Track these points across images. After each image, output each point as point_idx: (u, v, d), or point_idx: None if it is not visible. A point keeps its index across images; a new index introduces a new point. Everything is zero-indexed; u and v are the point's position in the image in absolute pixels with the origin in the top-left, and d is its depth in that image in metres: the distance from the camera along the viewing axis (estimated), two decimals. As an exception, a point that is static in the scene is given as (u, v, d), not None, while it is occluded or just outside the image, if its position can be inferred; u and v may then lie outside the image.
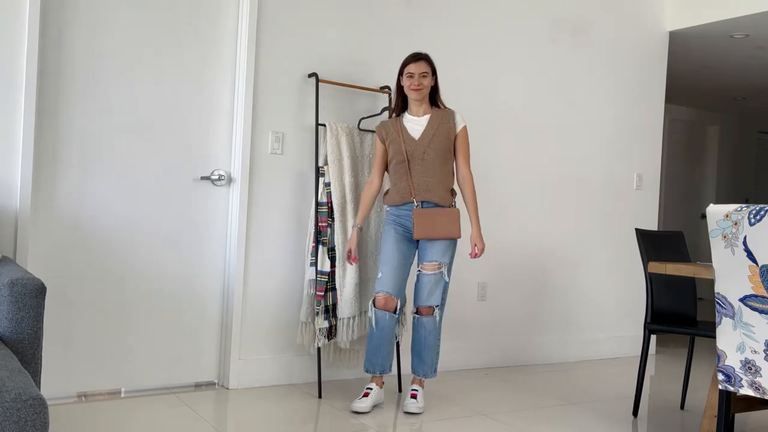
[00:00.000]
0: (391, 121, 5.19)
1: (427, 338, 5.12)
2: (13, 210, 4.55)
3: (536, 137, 6.81)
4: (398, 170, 5.09)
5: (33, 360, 3.37)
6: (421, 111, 5.15)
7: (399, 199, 5.08)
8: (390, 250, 5.05)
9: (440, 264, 5.07)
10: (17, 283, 3.33)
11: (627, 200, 7.49)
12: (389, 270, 5.02)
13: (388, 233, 5.10)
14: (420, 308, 5.10)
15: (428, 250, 5.07)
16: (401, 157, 5.05)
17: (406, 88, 5.10)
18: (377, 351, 5.06)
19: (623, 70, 7.42)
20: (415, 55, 5.09)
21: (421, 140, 5.05)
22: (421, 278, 5.07)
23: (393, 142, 5.11)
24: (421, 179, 5.03)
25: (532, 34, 6.76)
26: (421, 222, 4.99)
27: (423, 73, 5.06)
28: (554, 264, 6.95)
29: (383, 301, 5.00)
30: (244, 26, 5.34)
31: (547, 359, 6.91)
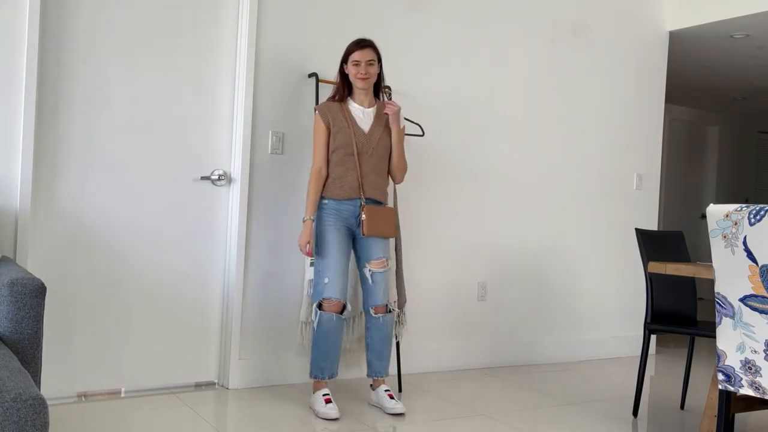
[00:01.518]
0: (336, 107, 5.00)
1: (388, 336, 5.08)
2: (13, 210, 4.55)
3: (536, 137, 6.81)
4: (345, 163, 4.93)
5: (33, 360, 3.37)
6: (367, 101, 5.05)
7: (343, 194, 4.93)
8: (334, 256, 4.89)
9: (387, 260, 5.04)
10: (17, 283, 3.32)
11: (627, 200, 7.49)
12: (335, 275, 4.88)
13: (331, 233, 4.93)
14: (377, 307, 5.03)
15: (374, 247, 5.00)
16: (350, 150, 4.92)
17: (351, 76, 4.97)
18: (326, 356, 4.94)
19: (623, 70, 7.42)
20: (360, 41, 4.97)
21: (370, 135, 4.97)
22: (374, 277, 5.01)
23: (341, 132, 4.94)
24: (370, 175, 4.95)
25: (531, 34, 6.76)
26: (371, 219, 4.89)
27: (369, 61, 4.94)
28: (554, 264, 6.96)
29: (332, 306, 4.90)
30: (244, 26, 5.34)
31: (547, 359, 6.91)
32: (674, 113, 12.12)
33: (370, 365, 5.11)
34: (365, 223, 4.88)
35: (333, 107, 5.00)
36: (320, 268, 4.94)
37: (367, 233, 4.90)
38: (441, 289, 6.30)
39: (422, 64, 6.14)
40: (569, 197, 7.05)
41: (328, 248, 4.91)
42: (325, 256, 4.91)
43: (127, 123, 4.98)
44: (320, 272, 4.93)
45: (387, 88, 5.77)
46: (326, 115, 4.97)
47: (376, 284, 5.01)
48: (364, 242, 5.01)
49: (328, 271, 4.89)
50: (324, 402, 4.84)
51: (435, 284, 6.26)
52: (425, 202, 6.17)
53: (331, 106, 5.01)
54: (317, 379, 4.97)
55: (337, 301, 4.89)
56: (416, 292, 6.15)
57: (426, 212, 6.18)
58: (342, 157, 4.93)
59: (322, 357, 4.94)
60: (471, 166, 6.41)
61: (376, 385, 5.12)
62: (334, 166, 4.95)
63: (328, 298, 4.88)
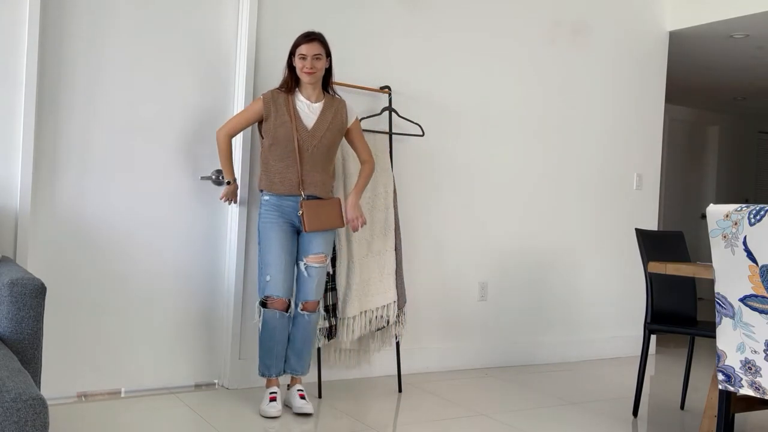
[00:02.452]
0: (282, 99, 4.91)
1: (311, 334, 5.02)
2: (13, 209, 4.55)
3: (536, 137, 6.81)
4: (285, 158, 4.84)
5: (33, 360, 3.37)
6: (314, 96, 4.94)
7: (283, 190, 4.84)
8: (276, 253, 4.83)
9: (326, 256, 4.99)
10: (17, 283, 3.32)
11: (627, 200, 7.49)
12: (278, 273, 4.82)
13: (271, 229, 4.86)
14: (307, 303, 4.96)
15: (313, 242, 4.92)
16: (291, 146, 4.82)
17: (298, 70, 4.86)
18: (270, 353, 4.90)
19: (623, 70, 7.42)
20: (307, 34, 4.86)
21: (314, 132, 4.87)
22: (309, 272, 4.93)
23: (282, 126, 4.83)
24: (311, 172, 4.86)
25: (531, 35, 6.76)
26: (310, 214, 4.81)
27: (316, 55, 4.83)
28: (555, 264, 6.96)
29: (275, 304, 4.84)
30: (244, 26, 5.34)
31: (547, 359, 6.91)
32: (674, 113, 12.12)
33: (288, 362, 5.03)
34: (305, 219, 4.80)
35: (279, 99, 4.91)
36: (262, 266, 4.88)
37: (309, 229, 4.82)
38: (441, 289, 6.30)
39: (422, 64, 6.14)
40: (569, 197, 7.05)
41: (269, 245, 4.85)
42: (266, 253, 4.86)
43: (127, 123, 4.98)
44: (262, 269, 4.88)
45: (387, 88, 5.78)
46: (269, 103, 4.89)
47: (309, 278, 4.94)
48: (305, 237, 4.94)
49: (270, 269, 4.83)
50: (268, 400, 4.84)
51: (435, 284, 6.26)
52: (425, 202, 6.17)
53: (277, 96, 4.92)
54: (263, 376, 4.96)
55: (280, 299, 4.84)
56: (416, 292, 6.15)
57: (426, 212, 6.18)
58: (283, 153, 4.84)
59: (268, 355, 4.91)
60: (471, 165, 6.41)
61: (292, 383, 5.06)
62: (275, 160, 4.86)
63: (270, 296, 4.84)
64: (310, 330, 5.00)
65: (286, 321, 4.90)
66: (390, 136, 5.79)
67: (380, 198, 5.58)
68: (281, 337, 4.90)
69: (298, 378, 5.07)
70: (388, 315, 5.52)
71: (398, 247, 5.59)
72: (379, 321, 5.52)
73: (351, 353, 5.76)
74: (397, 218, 5.61)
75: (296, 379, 5.06)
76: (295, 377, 5.06)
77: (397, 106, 5.99)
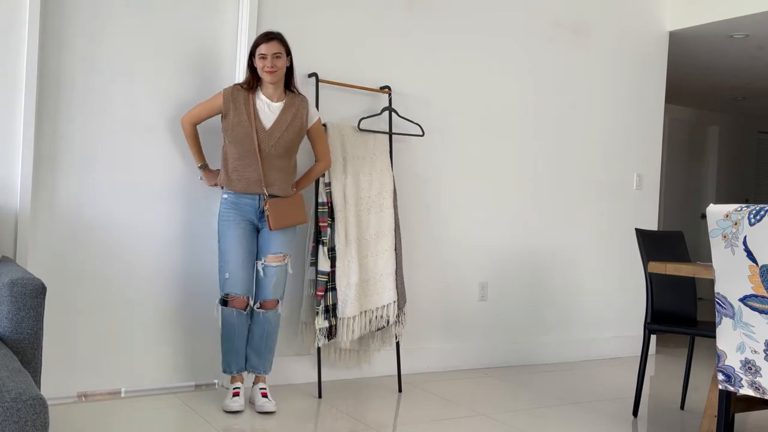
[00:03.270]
0: (243, 96, 4.91)
1: (271, 334, 5.02)
2: (13, 209, 4.55)
3: (535, 137, 6.81)
4: (245, 157, 4.84)
5: (33, 360, 3.37)
6: (276, 95, 4.94)
7: (241, 188, 4.85)
8: (234, 250, 4.84)
9: (285, 255, 4.99)
10: (17, 283, 3.32)
11: (627, 200, 7.49)
12: (236, 269, 4.84)
13: (229, 227, 4.87)
14: (265, 302, 4.96)
15: (273, 241, 4.93)
16: (251, 145, 4.82)
17: (259, 69, 4.87)
18: (231, 350, 4.92)
19: (623, 70, 7.42)
20: (267, 34, 4.86)
21: (272, 132, 4.87)
22: (267, 271, 4.94)
23: (240, 124, 4.83)
24: (271, 171, 4.88)
25: (530, 34, 6.76)
26: (275, 212, 4.84)
27: (276, 54, 4.83)
28: (555, 264, 6.96)
29: (234, 302, 4.87)
30: (243, 26, 5.33)
31: (547, 359, 6.91)
32: (674, 113, 12.12)
33: (248, 360, 5.03)
34: (270, 217, 4.83)
35: (239, 97, 4.90)
36: (221, 264, 4.91)
37: (275, 227, 4.86)
38: (441, 289, 6.30)
39: (421, 63, 6.14)
40: (569, 197, 7.05)
41: (228, 243, 4.87)
42: (225, 251, 4.88)
43: (127, 123, 4.98)
44: (221, 267, 4.90)
45: (387, 88, 5.78)
46: (228, 101, 4.89)
47: (266, 278, 4.94)
48: (265, 236, 4.95)
49: (229, 266, 4.85)
50: (231, 395, 4.86)
51: (435, 284, 6.26)
52: (425, 202, 6.18)
53: (238, 94, 4.91)
54: (226, 373, 4.98)
55: (239, 297, 4.86)
56: (416, 292, 6.15)
57: (426, 212, 6.18)
58: (242, 151, 4.84)
59: (228, 352, 4.94)
60: (470, 165, 6.41)
61: (255, 381, 5.06)
62: (235, 159, 4.87)
63: (230, 294, 4.86)
64: (269, 328, 5.01)
65: (245, 319, 4.93)
66: (390, 136, 5.79)
67: (380, 198, 5.58)
68: (240, 334, 4.92)
69: (261, 376, 5.07)
70: (388, 315, 5.52)
71: (398, 247, 5.59)
72: (379, 321, 5.52)
73: (351, 353, 5.76)
74: (397, 218, 5.61)
75: (259, 377, 5.07)
76: (258, 375, 5.07)
77: (397, 105, 5.99)
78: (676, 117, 12.15)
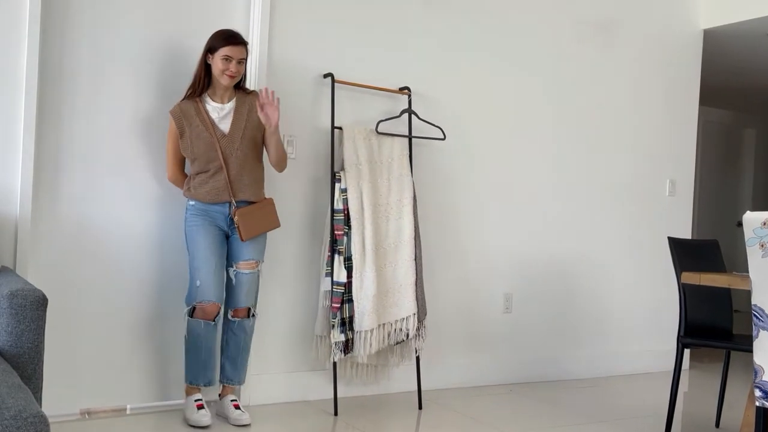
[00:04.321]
0: (192, 110, 4.85)
1: (246, 342, 5.04)
2: (12, 217, 4.54)
3: (562, 141, 6.78)
4: (209, 168, 4.82)
5: (34, 375, 3.38)
6: (226, 97, 4.91)
7: (210, 198, 4.82)
8: (204, 256, 4.81)
9: (258, 262, 4.99)
10: (17, 294, 3.33)
11: (659, 207, 7.45)
12: (208, 277, 4.80)
13: (198, 233, 4.84)
14: (238, 310, 4.97)
15: (245, 248, 4.92)
16: (214, 154, 4.78)
17: (218, 71, 4.79)
18: (198, 361, 4.89)
19: (654, 71, 7.38)
20: (235, 36, 4.82)
21: (231, 135, 4.85)
22: (239, 278, 4.94)
23: (199, 138, 4.79)
24: (240, 177, 4.85)
25: (557, 33, 6.74)
26: (245, 222, 4.81)
27: (241, 60, 4.82)
28: (583, 275, 6.93)
29: (206, 310, 4.84)
30: (255, 23, 5.32)
31: (575, 374, 6.88)
32: (709, 116, 12.06)
33: (223, 370, 5.05)
34: (241, 229, 4.82)
35: (189, 111, 4.85)
36: (191, 271, 4.89)
37: (247, 237, 4.85)
38: (464, 300, 6.28)
39: (443, 64, 6.13)
40: (598, 204, 7.02)
41: (196, 249, 4.84)
42: (194, 258, 4.85)
43: (132, 126, 4.98)
44: (191, 275, 4.88)
45: (406, 89, 5.77)
46: (180, 120, 4.84)
47: (239, 285, 4.95)
48: (236, 242, 4.94)
49: (200, 273, 4.82)
50: (196, 408, 4.84)
51: (457, 295, 6.24)
52: (446, 209, 6.16)
53: (187, 109, 4.86)
54: (192, 384, 4.94)
55: (211, 304, 4.83)
56: (437, 303, 6.13)
57: (447, 219, 6.17)
58: (207, 163, 4.82)
59: (195, 364, 4.92)
60: (494, 170, 6.39)
61: (224, 393, 5.06)
62: (199, 171, 4.85)
63: (201, 302, 4.83)
64: (244, 337, 5.03)
65: (214, 328, 4.91)
66: (409, 140, 5.78)
67: (399, 205, 5.56)
68: (209, 344, 4.91)
69: (231, 387, 5.09)
70: (408, 328, 5.50)
71: (418, 257, 5.58)
72: (398, 334, 5.50)
73: (368, 368, 5.74)
74: (417, 226, 5.60)
75: (229, 388, 5.08)
76: (227, 386, 5.07)
77: (417, 108, 5.98)
78: (710, 119, 12.09)
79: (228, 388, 5.06)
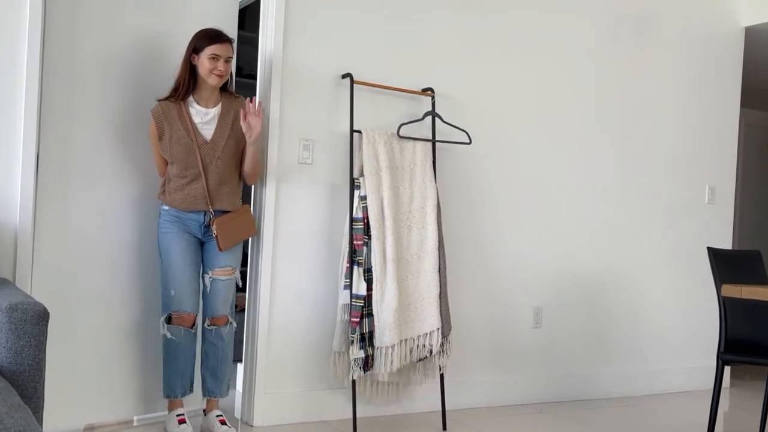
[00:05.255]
0: (174, 112, 4.87)
1: (225, 351, 5.07)
2: (12, 226, 4.51)
3: (595, 146, 6.75)
4: (188, 175, 4.85)
5: (35, 394, 3.38)
6: (212, 100, 4.95)
7: (185, 206, 4.86)
8: (178, 265, 4.87)
9: (233, 269, 5.04)
10: (17, 308, 3.32)
11: (698, 216, 7.40)
12: (183, 286, 4.87)
13: (172, 240, 4.89)
14: (215, 318, 5.02)
15: (221, 255, 4.96)
16: (193, 161, 4.83)
17: (205, 70, 4.83)
18: (176, 372, 4.93)
19: (693, 71, 7.34)
20: (220, 34, 4.87)
21: (214, 143, 4.89)
22: (215, 284, 4.98)
23: (180, 143, 4.82)
24: (218, 187, 4.90)
25: (590, 31, 6.70)
26: (223, 231, 4.87)
27: (228, 59, 4.87)
28: (617, 287, 6.88)
29: (183, 320, 4.90)
30: (270, 19, 5.30)
31: (609, 393, 6.83)
32: (750, 118, 12.01)
33: (204, 383, 5.09)
34: (219, 238, 4.87)
35: (171, 113, 4.87)
36: (165, 280, 4.93)
37: (225, 247, 4.91)
38: (491, 314, 6.25)
39: (469, 63, 6.11)
40: (633, 212, 6.97)
41: (170, 257, 4.89)
42: (168, 266, 4.90)
43: (140, 130, 4.98)
44: (165, 284, 4.92)
45: (430, 90, 5.75)
46: (161, 121, 4.86)
47: (214, 292, 4.99)
48: (211, 249, 4.99)
49: (174, 282, 4.88)
50: (177, 422, 4.88)
51: (484, 309, 6.21)
52: (472, 217, 6.13)
53: (168, 111, 4.88)
54: (170, 398, 4.98)
55: (187, 314, 4.90)
56: (462, 318, 6.09)
57: (473, 228, 6.14)
58: (185, 169, 4.85)
59: (173, 375, 4.95)
60: (523, 177, 6.36)
61: (208, 408, 5.10)
62: (177, 176, 4.88)
63: (176, 312, 4.89)
64: (222, 346, 5.06)
65: (192, 338, 4.98)
66: (433, 144, 5.76)
67: (422, 213, 5.54)
68: (186, 354, 4.96)
69: (215, 401, 5.12)
70: (431, 344, 5.48)
71: (442, 268, 5.55)
72: (421, 350, 5.48)
73: (390, 387, 5.71)
74: (441, 236, 5.57)
75: (213, 402, 5.12)
76: (211, 400, 5.11)
77: (441, 110, 5.95)
78: (752, 122, 12.03)
79: (212, 402, 5.11)
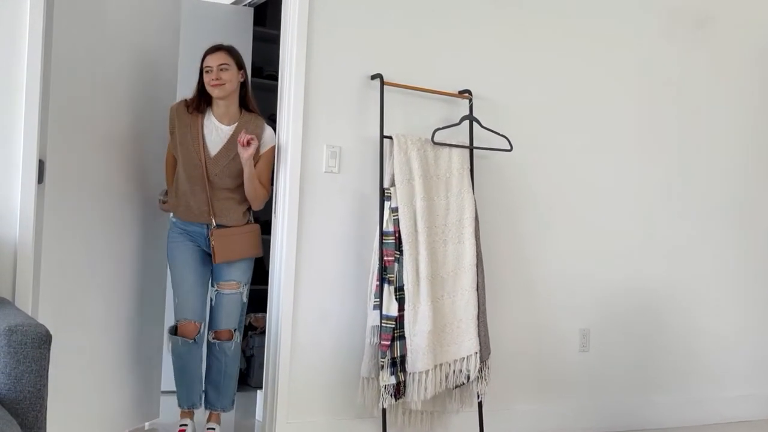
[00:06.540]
0: (189, 117, 5.17)
1: (228, 366, 5.32)
2: (11, 241, 4.47)
3: (649, 152, 6.69)
4: (193, 184, 5.12)
5: (35, 423, 3.39)
6: (228, 117, 5.21)
7: (189, 217, 5.16)
8: (183, 275, 5.17)
9: (239, 283, 5.26)
10: (16, 330, 3.33)
11: (763, 228, 7.33)
12: (186, 295, 5.15)
13: (177, 248, 5.20)
14: (219, 332, 5.28)
15: (225, 269, 5.21)
16: (198, 171, 5.10)
17: (206, 85, 5.11)
18: (182, 383, 5.23)
19: (756, 69, 7.27)
20: (214, 46, 5.15)
21: (217, 159, 5.13)
22: (219, 299, 5.25)
23: (184, 146, 5.12)
24: (220, 200, 5.17)
25: (643, 29, 6.66)
26: (221, 245, 5.09)
27: (222, 65, 5.07)
28: (672, 307, 6.82)
29: (185, 329, 5.15)
30: (293, 16, 5.29)
31: (662, 422, 6.76)
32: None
33: (206, 395, 5.37)
34: (215, 250, 5.10)
35: (184, 118, 5.18)
36: (173, 289, 5.25)
37: (218, 261, 5.14)
38: (533, 337, 6.21)
39: (509, 63, 6.08)
40: (692, 224, 6.91)
41: (176, 267, 5.23)
42: (174, 276, 5.25)
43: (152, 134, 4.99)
44: (173, 293, 5.25)
45: (467, 92, 5.72)
46: (173, 118, 5.21)
47: (218, 306, 5.26)
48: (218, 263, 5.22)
49: (178, 290, 5.20)
50: None
51: (526, 331, 6.17)
52: (514, 231, 6.09)
53: (183, 112, 5.20)
54: (180, 408, 5.31)
55: (191, 323, 5.17)
56: (502, 341, 6.04)
57: (515, 243, 6.10)
58: (189, 176, 5.13)
59: (179, 385, 5.27)
60: (569, 187, 6.32)
61: (208, 419, 5.40)
62: (183, 183, 5.16)
63: (181, 320, 5.17)
64: (225, 360, 5.32)
65: (197, 348, 5.24)
66: (471, 151, 5.74)
67: (459, 226, 5.51)
68: (192, 365, 5.24)
69: (216, 414, 5.39)
70: (469, 369, 5.46)
71: (480, 286, 5.52)
72: (458, 376, 5.46)
73: (423, 415, 5.67)
74: (479, 251, 5.55)
75: (214, 415, 5.39)
76: (213, 413, 5.39)
77: (479, 114, 5.91)
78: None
79: (213, 416, 5.39)
